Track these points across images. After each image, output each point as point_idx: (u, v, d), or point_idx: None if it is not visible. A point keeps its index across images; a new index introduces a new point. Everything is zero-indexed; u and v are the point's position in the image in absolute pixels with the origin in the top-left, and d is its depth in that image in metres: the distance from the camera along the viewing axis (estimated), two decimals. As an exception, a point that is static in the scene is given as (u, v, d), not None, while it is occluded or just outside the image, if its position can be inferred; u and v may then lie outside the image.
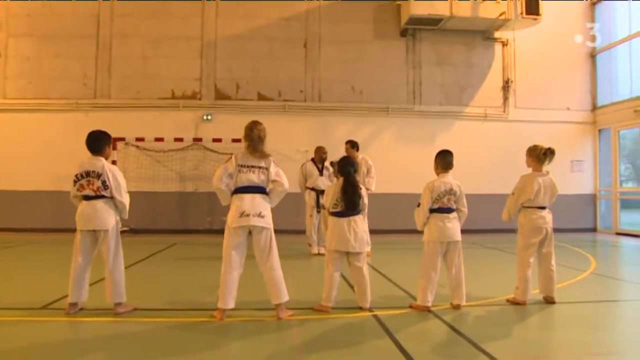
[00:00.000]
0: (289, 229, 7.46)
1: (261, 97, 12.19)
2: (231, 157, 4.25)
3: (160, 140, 11.49)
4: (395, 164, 12.01)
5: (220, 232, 4.49)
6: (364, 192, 4.56)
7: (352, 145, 8.06)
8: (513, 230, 5.09)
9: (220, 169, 4.23)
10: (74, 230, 4.42)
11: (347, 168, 4.54)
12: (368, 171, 8.01)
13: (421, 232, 4.74)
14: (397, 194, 11.84)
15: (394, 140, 12.43)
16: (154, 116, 11.79)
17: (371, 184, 7.94)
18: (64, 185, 10.77)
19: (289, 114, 12.15)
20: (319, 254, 8.20)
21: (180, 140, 11.60)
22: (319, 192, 8.26)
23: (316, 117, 12.18)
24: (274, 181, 4.20)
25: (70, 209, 4.60)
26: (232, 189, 4.22)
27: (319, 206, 8.22)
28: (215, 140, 11.64)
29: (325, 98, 12.35)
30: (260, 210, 4.14)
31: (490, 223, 11.29)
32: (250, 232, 4.20)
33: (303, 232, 8.73)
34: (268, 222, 4.20)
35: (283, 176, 4.25)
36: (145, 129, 11.53)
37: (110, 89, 11.85)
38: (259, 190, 4.20)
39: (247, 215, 4.10)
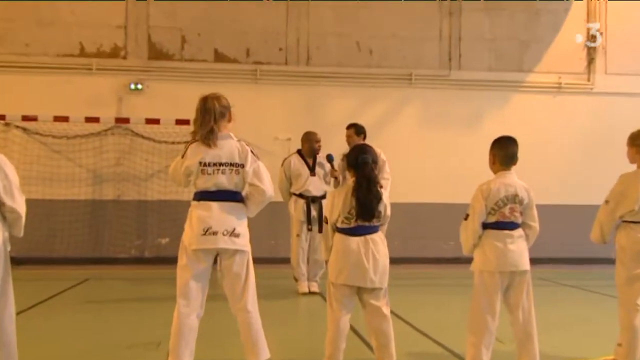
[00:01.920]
0: (261, 257, 7.24)
1: (220, 57, 12.22)
2: (187, 149, 4.41)
3: (63, 120, 11.44)
4: (421, 160, 12.10)
5: (155, 262, 4.60)
6: (385, 196, 4.68)
7: (357, 131, 8.23)
8: (608, 261, 5.18)
9: (177, 166, 4.41)
10: None
11: (362, 156, 4.64)
12: (380, 170, 7.94)
13: (469, 260, 4.81)
14: (424, 204, 11.97)
15: (419, 123, 12.50)
16: (53, 83, 11.71)
17: (385, 188, 7.74)
18: None
19: (263, 83, 12.18)
20: (310, 292, 8.33)
21: (95, 120, 11.51)
22: (310, 200, 8.34)
23: (303, 88, 12.24)
24: (251, 184, 4.38)
25: None
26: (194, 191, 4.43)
27: (310, 221, 8.35)
28: (149, 121, 11.56)
29: (316, 60, 12.42)
30: (234, 227, 4.31)
31: (567, 249, 11.45)
32: (216, 258, 4.38)
33: (283, 260, 8.85)
34: (244, 243, 4.37)
35: (265, 177, 4.41)
36: (38, 102, 11.45)
37: (-24, 39, 11.81)
38: (232, 196, 4.38)
39: (214, 233, 4.27)
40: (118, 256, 11.72)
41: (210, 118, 4.33)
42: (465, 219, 4.76)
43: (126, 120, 11.75)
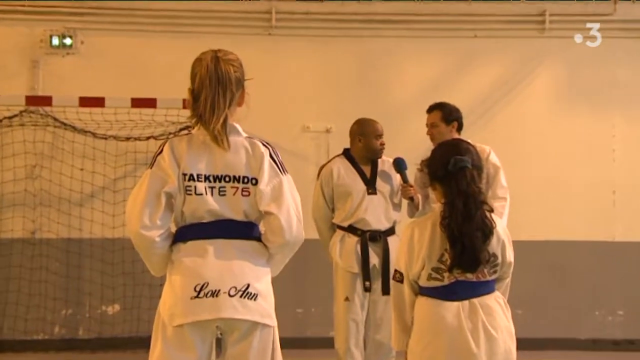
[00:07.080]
0: (281, 336, 6.05)
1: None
2: (162, 151, 3.64)
3: None
4: (564, 164, 9.70)
5: (97, 347, 5.88)
6: (502, 227, 3.80)
7: (447, 116, 6.96)
8: None
9: (142, 188, 3.60)
10: None
11: (455, 159, 3.75)
12: (490, 183, 6.91)
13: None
14: (571, 243, 9.57)
15: (559, 99, 9.93)
16: None
17: (500, 214, 6.73)
18: None
19: (282, 34, 9.97)
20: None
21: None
22: (369, 238, 6.81)
23: (351, 42, 9.97)
24: (266, 214, 3.53)
25: None
26: (173, 231, 3.66)
27: (368, 276, 6.78)
28: (86, 101, 9.37)
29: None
30: (247, 281, 3.52)
31: None
32: (218, 340, 3.67)
33: (319, 342, 8.18)
34: (267, 311, 3.55)
35: (289, 201, 3.55)
36: None
37: None
38: (242, 230, 3.57)
39: (214, 293, 3.46)
40: (32, 337, 9.42)
41: (224, 96, 3.48)
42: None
43: (46, 101, 9.43)
